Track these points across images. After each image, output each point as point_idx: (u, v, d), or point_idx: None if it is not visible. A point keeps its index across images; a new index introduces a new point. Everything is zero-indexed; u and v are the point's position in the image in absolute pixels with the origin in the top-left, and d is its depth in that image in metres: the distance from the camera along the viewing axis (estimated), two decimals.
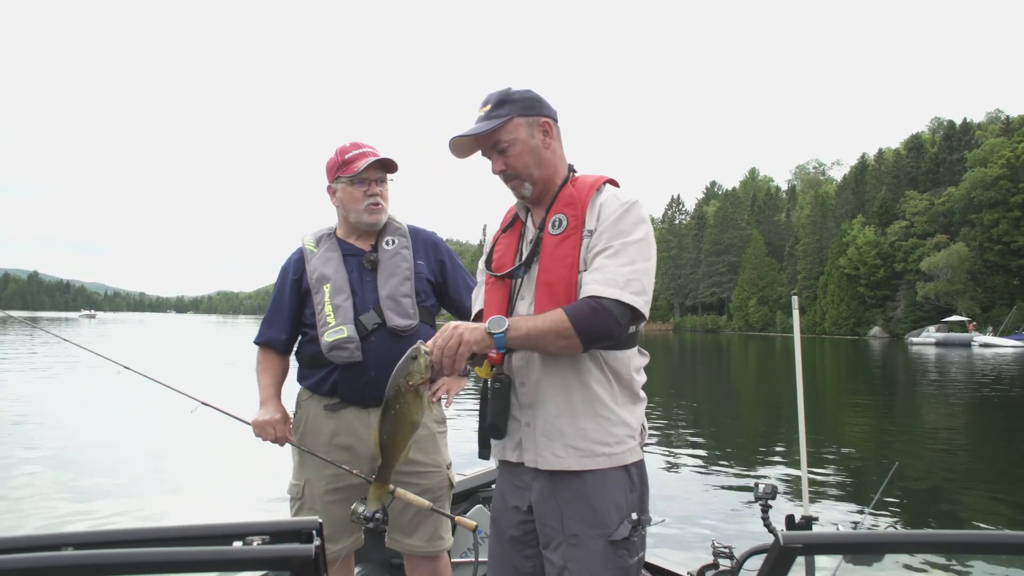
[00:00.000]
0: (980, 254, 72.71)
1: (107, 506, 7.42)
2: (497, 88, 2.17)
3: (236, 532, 1.07)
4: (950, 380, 25.23)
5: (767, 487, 3.02)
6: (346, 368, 2.86)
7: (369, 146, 3.00)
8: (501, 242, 2.30)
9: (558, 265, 2.05)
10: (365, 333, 2.85)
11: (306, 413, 2.98)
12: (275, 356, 3.08)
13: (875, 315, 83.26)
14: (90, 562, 0.97)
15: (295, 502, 2.95)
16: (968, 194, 73.34)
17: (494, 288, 2.23)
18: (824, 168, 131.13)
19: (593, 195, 2.11)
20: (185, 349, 34.79)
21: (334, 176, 2.98)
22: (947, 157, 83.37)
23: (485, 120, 2.13)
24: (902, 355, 43.20)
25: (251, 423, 2.89)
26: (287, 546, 1.05)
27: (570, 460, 2.04)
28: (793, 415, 2.99)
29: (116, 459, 9.85)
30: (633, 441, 2.09)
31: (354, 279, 2.94)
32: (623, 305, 1.94)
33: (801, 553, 0.99)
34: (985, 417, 16.14)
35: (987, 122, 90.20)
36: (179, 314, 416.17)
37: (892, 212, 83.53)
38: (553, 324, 1.93)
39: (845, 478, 8.86)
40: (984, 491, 8.61)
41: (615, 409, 2.06)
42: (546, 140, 2.16)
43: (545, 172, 2.17)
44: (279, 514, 4.00)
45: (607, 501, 2.02)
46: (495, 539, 2.23)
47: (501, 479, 2.26)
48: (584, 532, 2.00)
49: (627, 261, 1.97)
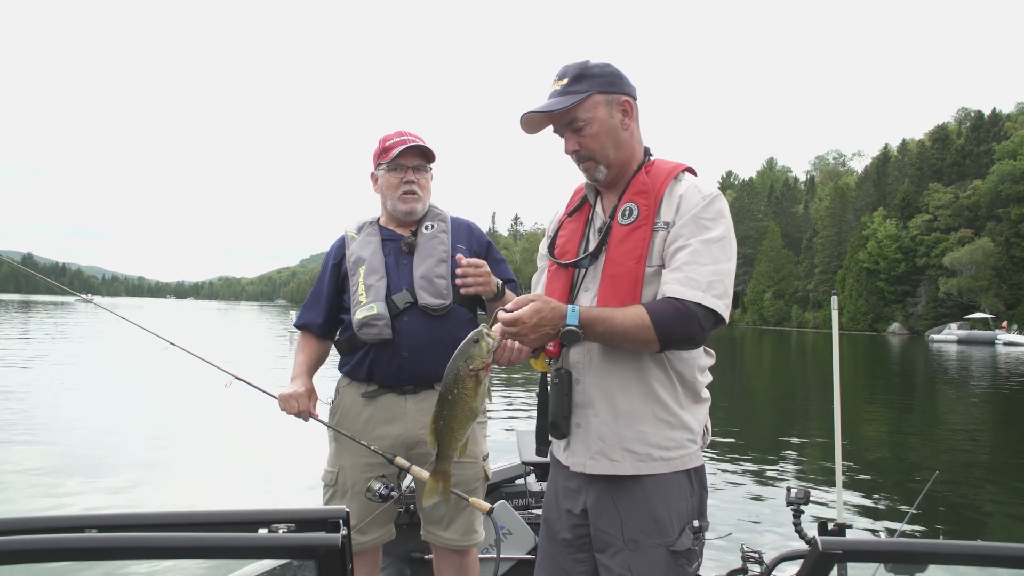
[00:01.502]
0: (1006, 250, 72.33)
1: (133, 487, 7.49)
2: (572, 60, 2.07)
3: (261, 519, 1.07)
4: (981, 379, 25.10)
5: (799, 491, 3.00)
6: (379, 349, 2.88)
7: (411, 134, 3.03)
8: (566, 227, 2.23)
9: (626, 258, 1.98)
10: (396, 312, 2.87)
11: (343, 399, 3.03)
12: (313, 339, 3.13)
13: (895, 311, 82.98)
14: (113, 545, 0.98)
15: (328, 489, 2.99)
16: (995, 187, 72.93)
17: (556, 276, 2.17)
18: (844, 159, 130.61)
19: (670, 184, 2.03)
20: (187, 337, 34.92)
21: (376, 163, 3.05)
22: (974, 149, 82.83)
23: (561, 95, 2.02)
24: (923, 353, 43.07)
25: (277, 396, 2.93)
26: (313, 535, 1.06)
27: (626, 465, 1.99)
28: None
29: (144, 438, 9.95)
30: (694, 445, 2.03)
31: (390, 262, 2.98)
32: (705, 308, 1.89)
33: (841, 560, 0.98)
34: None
35: (1017, 113, 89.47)
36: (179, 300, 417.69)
37: (915, 205, 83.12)
38: (633, 322, 1.88)
39: (878, 485, 8.71)
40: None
41: (677, 412, 2.00)
42: (625, 121, 2.06)
43: (622, 155, 2.08)
44: (310, 501, 3.99)
45: (668, 508, 1.97)
46: (546, 539, 2.20)
47: (553, 479, 2.22)
48: (644, 540, 1.96)
49: (709, 261, 1.91)
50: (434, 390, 2.90)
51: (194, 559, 1.01)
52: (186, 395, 13.21)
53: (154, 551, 1.00)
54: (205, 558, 1.01)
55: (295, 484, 7.50)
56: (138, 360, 18.70)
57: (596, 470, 2.02)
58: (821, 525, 2.86)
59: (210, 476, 8.18)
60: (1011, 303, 71.71)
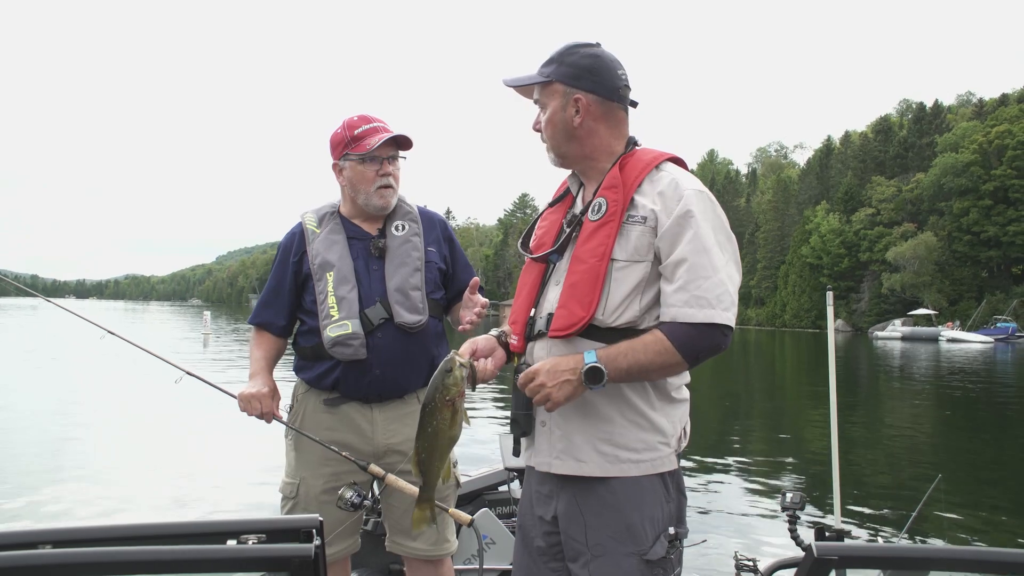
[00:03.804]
0: (948, 244, 75.04)
1: (83, 496, 7.28)
2: (581, 41, 2.14)
3: (230, 530, 1.07)
4: (956, 376, 25.84)
5: (795, 496, 3.02)
6: (349, 365, 2.84)
7: (380, 120, 2.96)
8: (546, 218, 2.29)
9: (589, 255, 2.02)
10: (370, 328, 2.83)
11: (303, 407, 2.97)
12: (271, 337, 3.07)
13: (838, 307, 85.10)
14: (70, 561, 0.96)
15: (287, 501, 2.95)
16: (938, 181, 75.52)
17: (529, 268, 2.23)
18: (787, 151, 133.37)
19: (648, 175, 2.05)
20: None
21: (341, 153, 2.95)
22: (916, 141, 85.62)
23: (537, 71, 2.13)
24: (867, 350, 44.32)
25: (236, 396, 2.87)
26: (285, 545, 1.06)
27: (592, 466, 2.00)
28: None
29: (94, 439, 9.77)
30: (667, 448, 2.04)
31: (360, 267, 2.92)
32: (720, 324, 1.94)
33: (837, 566, 0.99)
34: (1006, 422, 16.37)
35: (958, 105, 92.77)
36: (80, 300, 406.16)
37: (858, 199, 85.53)
38: (657, 354, 1.92)
39: (877, 489, 8.80)
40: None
41: (646, 412, 2.02)
42: (577, 118, 2.09)
43: (578, 150, 2.14)
44: (275, 510, 4.00)
45: (641, 515, 1.98)
46: (521, 548, 2.21)
47: (527, 484, 2.24)
48: (614, 547, 1.97)
49: (711, 271, 1.94)
50: (403, 400, 2.91)
51: (160, 575, 0.98)
52: (129, 392, 12.96)
53: (114, 566, 0.98)
54: (169, 573, 0.99)
55: (263, 492, 7.35)
56: (70, 353, 18.30)
57: (561, 470, 2.04)
58: (818, 531, 2.90)
59: (170, 484, 7.98)
60: (953, 299, 74.42)
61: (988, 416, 16.90)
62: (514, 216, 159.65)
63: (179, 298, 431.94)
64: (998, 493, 9.17)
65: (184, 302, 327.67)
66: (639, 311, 1.99)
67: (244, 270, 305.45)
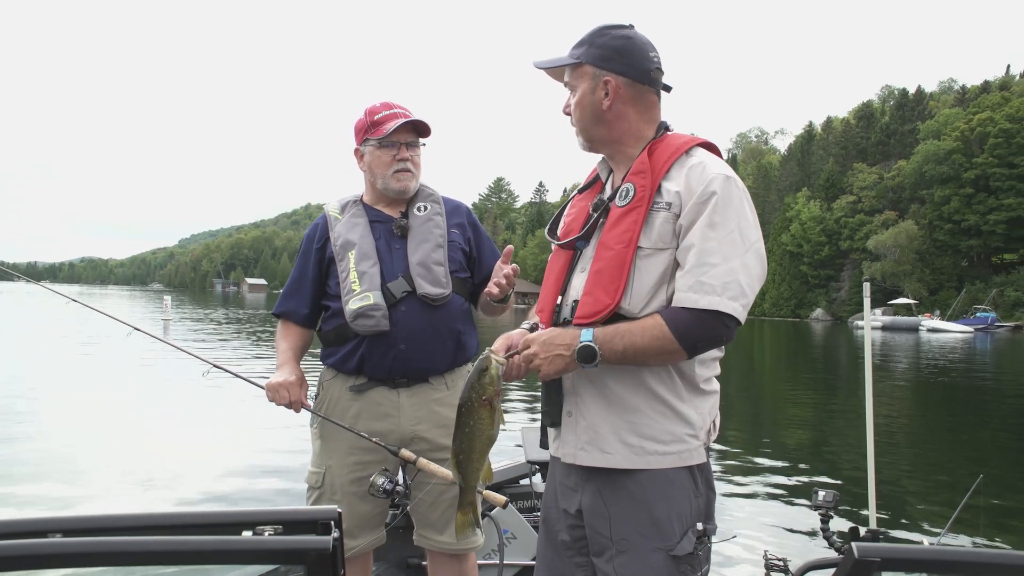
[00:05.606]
0: (929, 232, 75.95)
1: (104, 485, 7.22)
2: (613, 23, 2.13)
3: (246, 520, 1.06)
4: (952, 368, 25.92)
5: (828, 495, 3.01)
6: (373, 341, 2.87)
7: (401, 107, 3.02)
8: (575, 204, 2.29)
9: (616, 241, 2.01)
10: (393, 301, 2.87)
11: (328, 394, 3.00)
12: (295, 327, 3.10)
13: (818, 296, 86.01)
14: (81, 550, 0.95)
15: (313, 491, 2.97)
16: (919, 168, 76.43)
17: (556, 256, 2.24)
18: (767, 137, 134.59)
19: (677, 160, 2.03)
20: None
21: (362, 138, 3.03)
22: (899, 128, 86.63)
23: (568, 53, 2.14)
24: (847, 339, 44.65)
25: (264, 386, 2.91)
26: (302, 537, 1.05)
27: (619, 457, 1.99)
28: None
29: (115, 430, 9.68)
30: (696, 441, 2.02)
31: (381, 246, 2.97)
32: (723, 312, 1.91)
33: (878, 568, 0.98)
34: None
35: (940, 91, 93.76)
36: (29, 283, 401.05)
37: (839, 186, 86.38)
38: (654, 339, 1.90)
39: (910, 488, 8.60)
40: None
41: (674, 403, 2.00)
42: (606, 101, 2.09)
43: (606, 134, 2.14)
44: (298, 501, 3.98)
45: (669, 509, 1.97)
46: (545, 542, 2.21)
47: (551, 476, 2.24)
48: (640, 542, 1.95)
49: (720, 259, 1.91)
50: (428, 383, 2.94)
51: (172, 565, 0.97)
52: (154, 384, 12.91)
53: (126, 556, 0.98)
54: (184, 564, 0.98)
55: (281, 482, 7.33)
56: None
57: (587, 461, 2.03)
58: (852, 531, 2.89)
59: (186, 473, 7.87)
60: (934, 288, 75.38)
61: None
62: (489, 200, 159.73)
63: (139, 282, 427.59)
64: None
65: (144, 286, 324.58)
66: (666, 301, 1.97)
67: (208, 254, 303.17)
